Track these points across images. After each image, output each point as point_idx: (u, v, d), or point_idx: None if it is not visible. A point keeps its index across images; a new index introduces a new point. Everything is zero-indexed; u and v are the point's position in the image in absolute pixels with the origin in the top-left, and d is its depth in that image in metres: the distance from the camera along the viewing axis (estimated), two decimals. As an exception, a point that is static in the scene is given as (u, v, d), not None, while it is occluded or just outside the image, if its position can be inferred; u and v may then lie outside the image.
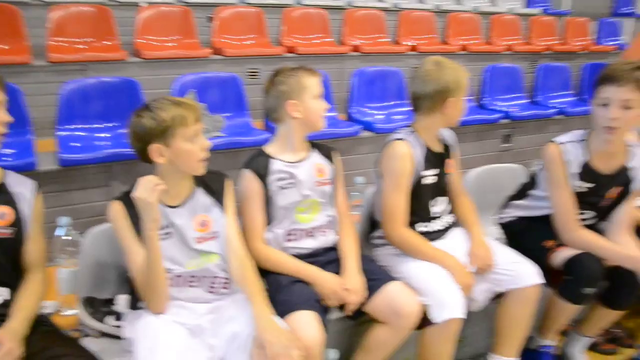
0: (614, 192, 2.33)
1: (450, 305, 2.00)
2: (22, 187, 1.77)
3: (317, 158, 2.16)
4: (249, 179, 2.05)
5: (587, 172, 2.28)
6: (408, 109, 3.69)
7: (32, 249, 1.76)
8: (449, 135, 2.40)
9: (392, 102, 3.85)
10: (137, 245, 1.75)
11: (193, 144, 1.78)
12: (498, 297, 2.22)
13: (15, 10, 3.80)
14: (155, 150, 1.77)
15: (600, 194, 2.32)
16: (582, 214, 2.34)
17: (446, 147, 2.36)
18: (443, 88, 2.15)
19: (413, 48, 5.02)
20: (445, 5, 6.21)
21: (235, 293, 1.87)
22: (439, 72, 2.17)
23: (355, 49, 4.71)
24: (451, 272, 2.08)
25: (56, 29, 3.85)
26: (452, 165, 2.37)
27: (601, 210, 2.37)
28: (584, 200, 2.31)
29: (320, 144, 2.23)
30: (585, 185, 2.30)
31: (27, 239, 1.74)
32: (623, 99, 2.12)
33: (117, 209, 1.79)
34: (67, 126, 2.93)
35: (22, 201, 1.74)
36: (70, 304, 2.07)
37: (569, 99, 4.53)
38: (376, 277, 2.05)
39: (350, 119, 3.64)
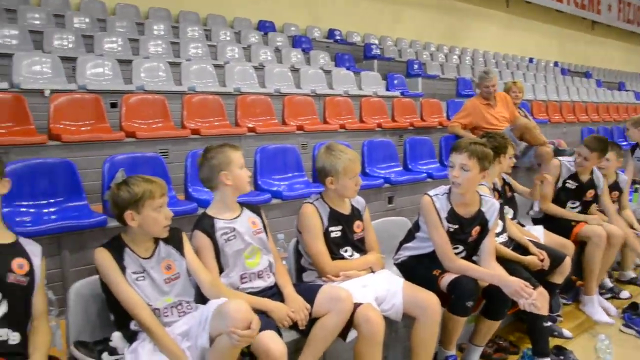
0: (475, 230, 3.06)
1: None
2: (32, 247, 2.11)
3: (248, 214, 2.72)
4: (200, 236, 2.54)
5: (452, 216, 3.01)
6: (305, 179, 4.38)
7: (39, 299, 2.08)
8: (357, 201, 3.04)
9: (292, 174, 4.46)
10: (125, 282, 2.16)
11: (159, 213, 2.25)
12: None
13: None
14: (129, 215, 2.22)
15: (466, 232, 3.04)
16: (455, 248, 3.05)
17: (354, 210, 2.99)
18: (320, 169, 2.87)
19: (299, 127, 5.73)
20: (320, 90, 7.10)
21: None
22: (320, 155, 2.88)
23: (251, 129, 5.33)
24: None
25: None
26: (358, 225, 2.99)
27: (469, 245, 3.09)
28: (454, 237, 3.03)
29: (247, 204, 2.79)
30: (452, 226, 3.01)
31: (37, 289, 2.06)
32: (462, 163, 2.90)
33: (104, 255, 2.18)
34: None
35: (34, 257, 2.08)
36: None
37: (434, 165, 5.45)
38: (311, 288, 2.63)
39: (259, 189, 4.18)
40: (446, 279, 2.91)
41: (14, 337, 1.97)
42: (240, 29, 9.43)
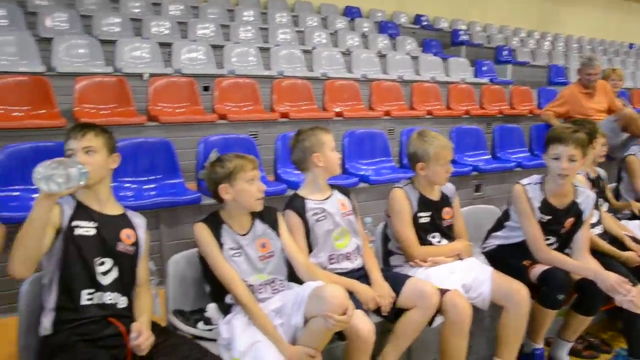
0: (569, 222, 2.97)
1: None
2: (138, 219, 2.26)
3: (338, 195, 2.76)
4: (291, 216, 2.61)
5: (545, 207, 2.92)
6: (392, 164, 4.39)
7: (143, 268, 2.23)
8: (447, 188, 3.01)
9: (379, 159, 4.49)
10: (222, 258, 2.27)
11: (251, 185, 2.33)
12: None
13: (46, 81, 4.33)
14: (223, 189, 2.31)
15: (559, 223, 2.95)
16: (547, 239, 2.96)
17: (444, 196, 2.97)
18: (412, 154, 2.86)
19: (386, 113, 5.72)
20: (407, 75, 7.04)
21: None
22: (412, 141, 2.87)
23: (338, 114, 5.38)
24: None
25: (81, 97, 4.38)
26: (447, 212, 2.97)
27: (562, 236, 2.99)
28: (546, 228, 2.94)
29: (337, 186, 2.83)
30: (545, 217, 2.93)
31: (141, 258, 2.21)
32: (569, 154, 2.80)
33: (203, 230, 2.30)
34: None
35: (139, 228, 2.22)
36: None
37: (524, 154, 5.30)
38: (397, 278, 2.64)
39: (347, 173, 4.23)
40: (537, 270, 2.84)
41: (123, 301, 2.11)
42: (327, 15, 9.48)
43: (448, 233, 2.97)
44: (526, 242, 2.95)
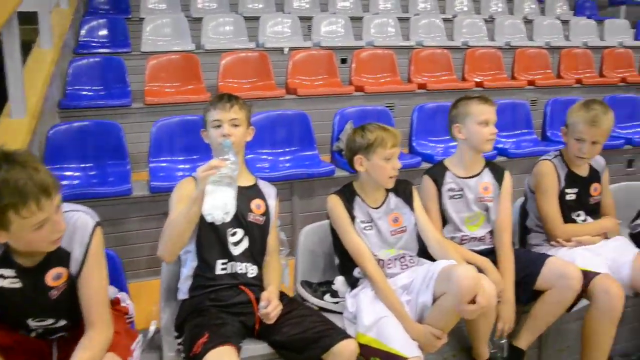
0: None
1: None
2: (268, 189, 2.32)
3: (486, 177, 2.57)
4: (427, 182, 2.52)
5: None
6: (534, 137, 4.17)
7: (272, 238, 2.29)
8: (597, 162, 2.77)
9: (519, 131, 4.30)
10: (353, 231, 2.27)
11: (387, 163, 2.27)
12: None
13: (195, 58, 4.61)
14: (358, 160, 2.29)
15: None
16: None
17: (592, 171, 2.74)
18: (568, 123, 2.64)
19: (530, 82, 5.43)
20: (554, 41, 6.58)
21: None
22: (573, 111, 2.64)
23: (478, 84, 5.20)
24: None
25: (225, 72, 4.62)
26: (596, 188, 2.74)
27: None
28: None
29: (494, 164, 2.67)
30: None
31: (271, 228, 2.27)
32: None
33: (336, 202, 2.32)
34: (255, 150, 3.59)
35: (269, 198, 2.29)
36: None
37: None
38: (536, 258, 2.49)
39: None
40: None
41: (252, 270, 2.19)
42: (470, -20, 9.06)
43: (595, 210, 2.75)
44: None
